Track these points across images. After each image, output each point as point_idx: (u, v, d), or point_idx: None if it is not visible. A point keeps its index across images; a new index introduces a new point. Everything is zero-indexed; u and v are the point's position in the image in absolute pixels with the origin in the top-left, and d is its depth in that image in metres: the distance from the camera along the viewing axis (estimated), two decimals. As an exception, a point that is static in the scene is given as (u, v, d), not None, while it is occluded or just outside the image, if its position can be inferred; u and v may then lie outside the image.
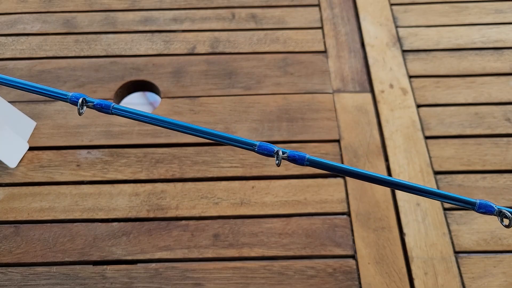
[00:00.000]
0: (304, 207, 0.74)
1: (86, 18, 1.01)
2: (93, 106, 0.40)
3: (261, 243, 0.70)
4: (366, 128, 0.84)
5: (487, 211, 0.36)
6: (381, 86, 0.89)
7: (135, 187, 0.76)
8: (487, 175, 0.77)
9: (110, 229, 0.72)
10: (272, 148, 0.36)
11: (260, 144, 0.37)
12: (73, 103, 0.40)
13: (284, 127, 0.84)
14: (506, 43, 0.96)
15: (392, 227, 0.72)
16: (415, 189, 0.37)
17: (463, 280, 0.67)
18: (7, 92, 0.89)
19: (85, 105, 0.40)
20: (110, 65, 0.93)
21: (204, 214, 0.73)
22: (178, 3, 1.04)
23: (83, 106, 0.40)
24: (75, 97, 0.40)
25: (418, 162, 0.79)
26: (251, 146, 0.37)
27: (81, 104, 0.40)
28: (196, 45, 0.96)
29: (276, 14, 1.02)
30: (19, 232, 0.72)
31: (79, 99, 0.40)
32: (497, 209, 0.36)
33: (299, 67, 0.92)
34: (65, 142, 0.82)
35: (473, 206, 0.37)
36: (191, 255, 0.69)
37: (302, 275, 0.67)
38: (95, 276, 0.67)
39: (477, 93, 0.88)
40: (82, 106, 0.40)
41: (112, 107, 0.40)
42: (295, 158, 0.37)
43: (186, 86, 0.90)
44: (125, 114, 0.40)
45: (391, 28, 0.99)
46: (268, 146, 0.37)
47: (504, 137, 0.82)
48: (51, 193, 0.76)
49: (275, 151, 0.36)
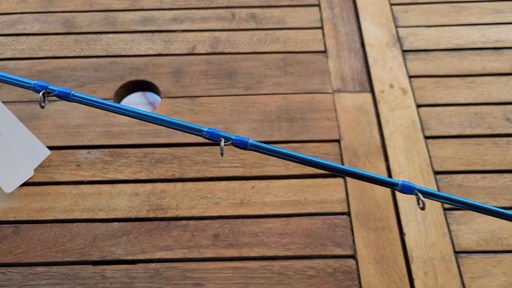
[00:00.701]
0: (304, 207, 0.74)
1: (86, 18, 1.01)
2: (54, 95, 0.43)
3: (261, 243, 0.70)
4: (366, 128, 0.84)
5: (408, 192, 0.39)
6: (381, 86, 0.89)
7: (135, 187, 0.76)
8: (487, 175, 0.77)
9: (110, 229, 0.72)
10: (218, 133, 0.39)
11: (208, 129, 0.39)
12: (37, 91, 0.42)
13: (284, 127, 0.84)
14: (506, 43, 0.96)
15: (392, 227, 0.72)
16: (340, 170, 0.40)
17: (463, 280, 0.67)
18: (7, 92, 0.89)
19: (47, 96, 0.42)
20: (110, 65, 0.93)
21: (204, 214, 0.73)
22: (178, 3, 1.04)
23: (45, 98, 0.42)
24: (38, 85, 0.42)
25: (418, 162, 0.79)
26: (199, 132, 0.40)
27: (44, 95, 0.42)
28: (196, 45, 0.96)
29: (276, 14, 1.02)
30: (19, 232, 0.72)
31: (42, 89, 0.42)
32: (416, 190, 0.39)
33: (299, 67, 0.92)
34: (65, 142, 0.82)
35: (397, 186, 0.39)
36: (191, 255, 0.69)
37: (302, 275, 0.67)
38: (95, 276, 0.67)
39: (477, 93, 0.88)
40: (44, 97, 0.42)
41: (72, 94, 0.43)
42: (238, 143, 0.40)
43: (186, 86, 0.90)
44: (84, 101, 0.43)
45: (391, 28, 0.99)
46: (215, 131, 0.39)
47: (504, 137, 0.82)
48: (51, 193, 0.76)
49: (221, 136, 0.39)
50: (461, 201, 0.39)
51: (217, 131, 0.39)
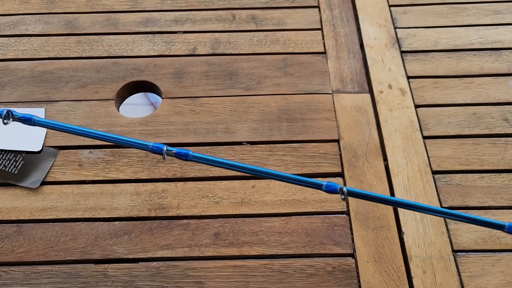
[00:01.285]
0: (304, 206, 0.75)
1: (88, 19, 1.02)
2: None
3: (261, 242, 0.71)
4: (365, 128, 0.84)
5: (332, 190, 0.42)
6: (380, 86, 0.90)
7: (137, 187, 0.77)
8: (485, 175, 0.78)
9: (111, 228, 0.73)
10: (161, 147, 0.41)
11: (153, 144, 0.42)
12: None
13: (284, 127, 0.84)
14: (504, 44, 0.96)
15: (391, 226, 0.73)
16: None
17: (461, 279, 0.68)
18: (9, 92, 0.90)
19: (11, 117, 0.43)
20: (111, 66, 0.94)
21: (205, 213, 0.74)
22: (179, 5, 1.05)
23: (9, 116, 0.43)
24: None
25: (416, 162, 0.79)
26: (146, 146, 0.42)
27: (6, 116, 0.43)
28: (197, 46, 0.97)
29: (276, 16, 1.02)
30: (21, 231, 0.73)
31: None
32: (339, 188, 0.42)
33: (298, 68, 0.93)
34: (67, 142, 0.82)
35: (321, 187, 0.42)
36: (192, 253, 0.70)
37: (301, 273, 0.68)
38: (96, 275, 0.68)
39: (475, 94, 0.89)
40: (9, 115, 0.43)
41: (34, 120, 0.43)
42: (181, 154, 0.42)
43: (187, 87, 0.90)
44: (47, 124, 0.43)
45: (390, 29, 0.99)
46: (158, 145, 0.41)
47: (502, 137, 0.83)
48: (53, 192, 0.76)
49: (164, 150, 0.41)
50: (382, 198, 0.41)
51: (161, 145, 0.42)
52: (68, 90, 0.90)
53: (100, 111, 0.87)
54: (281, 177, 0.41)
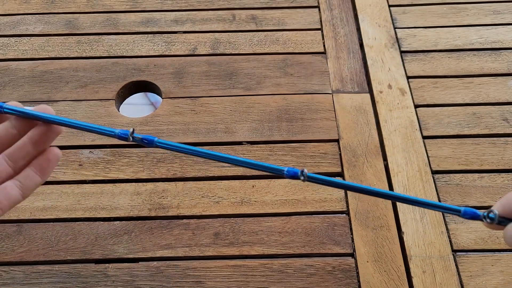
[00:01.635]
0: (304, 206, 0.75)
1: (88, 19, 1.02)
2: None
3: (261, 241, 0.71)
4: (365, 128, 0.84)
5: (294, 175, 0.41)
6: (379, 86, 0.90)
7: (137, 186, 0.77)
8: (484, 175, 0.78)
9: (112, 228, 0.73)
10: (127, 132, 0.42)
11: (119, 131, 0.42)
12: None
13: (284, 127, 0.84)
14: (504, 44, 0.97)
15: (390, 225, 0.73)
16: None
17: (461, 279, 0.68)
18: (10, 92, 0.90)
19: None
20: (112, 66, 0.94)
21: (205, 213, 0.74)
22: (179, 5, 1.05)
23: None
24: None
25: (416, 162, 0.79)
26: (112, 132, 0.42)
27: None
28: (197, 46, 0.97)
29: (276, 16, 1.03)
30: (21, 231, 0.73)
31: None
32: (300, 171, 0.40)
33: (298, 68, 0.93)
34: (68, 142, 0.83)
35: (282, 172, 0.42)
36: (192, 253, 0.70)
37: (301, 273, 0.68)
38: (97, 274, 0.68)
39: (474, 94, 0.89)
40: None
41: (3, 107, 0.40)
42: (147, 140, 0.43)
43: (187, 87, 0.91)
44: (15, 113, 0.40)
45: (389, 29, 0.99)
46: (123, 131, 0.42)
47: (502, 137, 0.83)
48: (53, 192, 0.77)
49: (129, 133, 0.42)
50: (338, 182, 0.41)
51: (127, 131, 0.42)
52: (68, 90, 0.90)
53: (100, 111, 0.87)
54: (243, 162, 0.41)
